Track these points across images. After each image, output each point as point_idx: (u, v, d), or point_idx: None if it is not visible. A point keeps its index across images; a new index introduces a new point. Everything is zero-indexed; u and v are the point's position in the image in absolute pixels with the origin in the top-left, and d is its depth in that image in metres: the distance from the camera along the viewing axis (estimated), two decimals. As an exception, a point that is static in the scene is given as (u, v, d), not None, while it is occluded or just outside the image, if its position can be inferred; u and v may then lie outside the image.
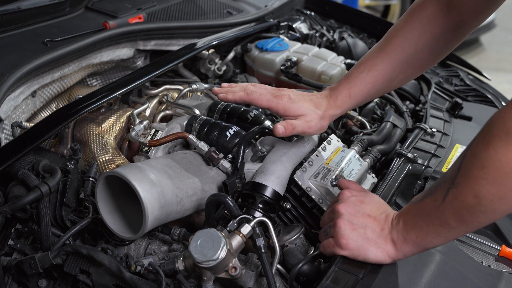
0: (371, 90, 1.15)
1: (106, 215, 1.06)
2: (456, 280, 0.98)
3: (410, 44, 1.10)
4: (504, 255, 1.11)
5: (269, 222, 1.03)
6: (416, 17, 1.11)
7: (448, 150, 1.44)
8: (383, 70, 1.12)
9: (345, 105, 1.16)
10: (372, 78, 1.13)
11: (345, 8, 2.51)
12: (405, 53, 1.11)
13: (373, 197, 1.03)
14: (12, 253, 1.12)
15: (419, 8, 1.11)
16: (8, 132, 1.37)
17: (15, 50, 1.48)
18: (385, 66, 1.12)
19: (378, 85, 1.14)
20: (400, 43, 1.11)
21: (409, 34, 1.10)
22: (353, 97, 1.15)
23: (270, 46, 1.87)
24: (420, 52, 1.11)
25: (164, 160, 1.16)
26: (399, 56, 1.11)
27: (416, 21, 1.10)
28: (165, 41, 1.87)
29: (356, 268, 0.98)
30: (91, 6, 1.85)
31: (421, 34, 1.09)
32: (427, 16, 1.09)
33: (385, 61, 1.12)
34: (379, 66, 1.13)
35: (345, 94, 1.15)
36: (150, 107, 1.55)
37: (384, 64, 1.12)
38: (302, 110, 1.14)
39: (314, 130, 1.16)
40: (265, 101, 1.15)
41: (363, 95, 1.15)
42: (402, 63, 1.12)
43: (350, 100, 1.15)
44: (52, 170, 1.11)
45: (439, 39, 1.09)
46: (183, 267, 0.99)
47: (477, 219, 0.81)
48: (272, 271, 0.97)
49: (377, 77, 1.13)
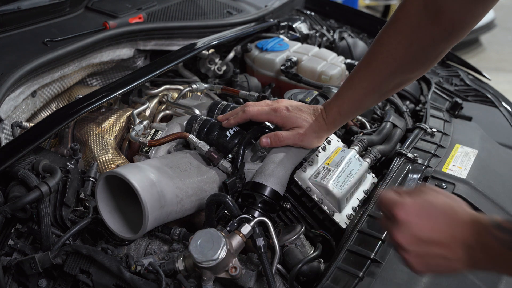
0: (360, 105, 1.14)
1: (106, 215, 1.06)
2: (456, 280, 0.98)
3: (395, 59, 1.04)
4: (504, 255, 1.11)
5: (269, 222, 1.03)
6: (400, 28, 1.02)
7: (448, 150, 1.44)
8: (370, 87, 1.10)
9: (337, 122, 1.17)
10: (359, 95, 1.12)
11: (345, 8, 2.51)
12: (391, 67, 1.05)
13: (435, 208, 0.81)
14: (12, 253, 1.12)
15: (403, 16, 1.01)
16: (8, 132, 1.37)
17: (15, 50, 1.48)
18: (371, 83, 1.09)
19: (367, 100, 1.13)
20: (384, 60, 1.05)
21: (394, 49, 1.03)
22: (343, 114, 1.15)
23: (270, 46, 1.87)
24: (409, 64, 1.05)
25: (164, 160, 1.16)
26: (385, 71, 1.06)
27: (401, 34, 1.02)
28: (165, 41, 1.87)
29: (356, 268, 0.98)
30: (91, 6, 1.85)
31: (406, 48, 1.01)
32: (412, 26, 0.99)
33: (370, 78, 1.09)
34: (365, 84, 1.10)
35: (336, 111, 1.15)
36: (150, 107, 1.55)
37: (369, 81, 1.09)
38: (299, 122, 1.16)
39: (306, 143, 1.17)
40: (264, 115, 1.19)
41: (352, 111, 1.16)
42: (389, 77, 1.07)
43: (340, 117, 1.16)
44: (52, 170, 1.11)
45: (427, 49, 1.01)
46: (183, 267, 0.99)
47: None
48: (272, 271, 0.97)
49: (364, 94, 1.11)
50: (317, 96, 1.54)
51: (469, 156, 1.40)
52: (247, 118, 1.21)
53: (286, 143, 1.16)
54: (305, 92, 1.56)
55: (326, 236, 1.16)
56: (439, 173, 1.31)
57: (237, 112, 1.24)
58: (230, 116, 1.24)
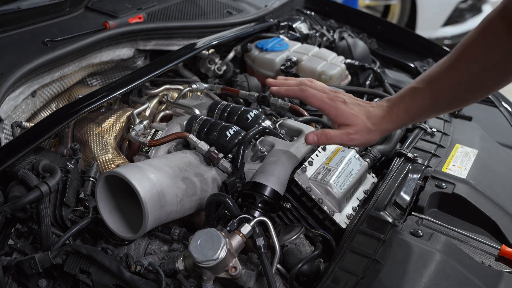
0: (430, 106, 1.06)
1: (106, 215, 1.06)
2: (456, 280, 0.98)
3: (478, 61, 1.01)
4: (504, 255, 1.11)
5: (269, 222, 1.03)
6: (486, 32, 1.00)
7: (448, 150, 1.44)
8: (446, 86, 1.03)
9: (400, 121, 1.08)
10: (432, 93, 1.04)
11: (345, 8, 2.51)
12: (471, 71, 1.02)
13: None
14: (12, 253, 1.12)
15: (489, 23, 1.00)
16: (8, 132, 1.37)
17: (15, 50, 1.48)
18: (448, 82, 1.03)
19: (439, 102, 1.05)
20: (467, 60, 1.02)
21: (478, 51, 1.01)
22: (410, 111, 1.07)
23: (270, 46, 1.87)
24: (488, 71, 1.01)
25: (164, 160, 1.16)
26: (465, 73, 1.02)
27: (487, 37, 1.00)
28: (165, 41, 1.87)
29: (356, 268, 0.98)
30: (91, 6, 1.85)
31: (488, 54, 0.99)
32: (497, 32, 0.98)
33: (449, 77, 1.03)
34: (441, 81, 1.04)
35: (402, 107, 1.07)
36: (150, 107, 1.55)
37: (447, 80, 1.03)
38: (352, 120, 1.08)
39: (357, 143, 1.09)
40: (319, 101, 1.11)
41: (420, 110, 1.06)
42: (467, 81, 1.03)
43: (405, 115, 1.07)
44: (52, 170, 1.11)
45: (507, 65, 0.99)
46: (183, 267, 0.99)
47: None
48: (272, 271, 0.97)
49: (438, 93, 1.04)
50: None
51: (469, 156, 1.40)
52: (300, 96, 1.13)
53: (333, 142, 1.09)
54: (305, 92, 1.56)
55: (326, 236, 1.16)
56: (439, 173, 1.31)
57: (291, 84, 1.15)
58: (282, 85, 1.16)
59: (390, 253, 1.03)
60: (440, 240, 1.07)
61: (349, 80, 1.87)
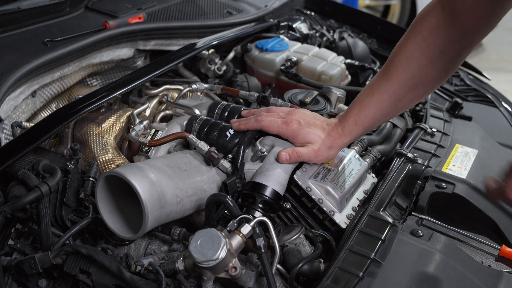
0: (377, 114, 1.12)
1: (106, 215, 1.06)
2: (456, 280, 0.98)
3: (412, 61, 1.05)
4: (504, 255, 1.11)
5: (269, 222, 1.03)
6: (417, 31, 1.05)
7: (448, 150, 1.44)
8: (387, 93, 1.09)
9: (353, 133, 1.15)
10: (376, 102, 1.10)
11: (345, 8, 2.51)
12: (408, 71, 1.06)
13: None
14: (12, 253, 1.12)
15: (420, 21, 1.06)
16: (8, 132, 1.37)
17: (15, 50, 1.48)
18: (388, 88, 1.09)
19: (384, 108, 1.11)
20: (402, 62, 1.06)
21: (411, 51, 1.05)
22: (360, 124, 1.13)
23: (270, 46, 1.86)
24: (425, 68, 1.06)
25: (164, 160, 1.16)
26: (403, 75, 1.07)
27: (418, 36, 1.05)
28: (165, 41, 1.87)
29: (356, 268, 0.98)
30: (91, 6, 1.85)
31: (424, 50, 1.04)
32: (429, 28, 1.03)
33: (388, 83, 1.08)
34: (382, 89, 1.09)
35: (352, 122, 1.14)
36: (150, 107, 1.55)
37: (387, 86, 1.09)
38: (310, 137, 1.15)
39: (320, 159, 1.17)
40: (275, 128, 1.19)
41: (369, 120, 1.13)
42: (407, 82, 1.07)
43: (357, 128, 1.14)
44: (52, 170, 1.11)
45: (444, 51, 1.04)
46: (183, 267, 0.99)
47: None
48: (272, 271, 0.97)
49: (381, 100, 1.10)
50: (317, 96, 1.54)
51: (469, 156, 1.40)
52: (258, 128, 1.21)
53: (303, 159, 1.15)
54: (305, 92, 1.56)
55: (326, 236, 1.16)
56: (439, 173, 1.31)
57: (249, 118, 1.24)
58: (242, 122, 1.24)
59: (390, 253, 1.03)
60: (440, 240, 1.07)
61: (349, 80, 1.87)
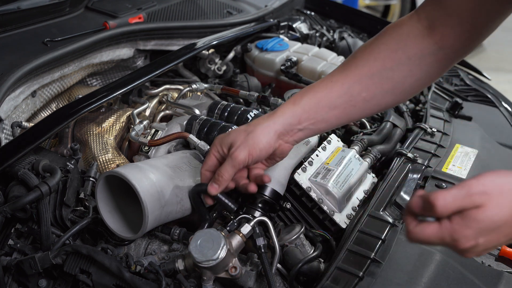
0: (323, 99, 1.00)
1: (106, 215, 1.06)
2: (456, 280, 0.98)
3: (376, 59, 0.99)
4: (504, 255, 1.11)
5: (269, 222, 1.03)
6: (389, 33, 1.01)
7: (448, 150, 1.44)
8: (340, 82, 1.00)
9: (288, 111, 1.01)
10: (325, 88, 1.01)
11: (345, 8, 2.51)
12: (369, 68, 0.99)
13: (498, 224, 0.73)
14: (12, 253, 1.12)
15: (394, 26, 1.01)
16: (8, 132, 1.36)
17: (15, 50, 1.48)
18: (342, 78, 1.01)
19: (333, 96, 1.00)
20: (364, 58, 1.00)
21: (376, 50, 1.00)
22: (298, 104, 1.01)
23: (270, 46, 1.86)
24: (389, 70, 0.99)
25: (164, 160, 1.16)
26: (361, 70, 1.00)
27: (388, 37, 1.00)
28: (165, 41, 1.87)
29: (356, 268, 0.98)
30: (91, 6, 1.85)
31: (392, 51, 0.99)
32: (402, 33, 0.99)
33: (343, 74, 1.01)
34: (335, 78, 1.01)
35: (289, 101, 1.02)
36: (150, 107, 1.55)
37: (341, 76, 1.01)
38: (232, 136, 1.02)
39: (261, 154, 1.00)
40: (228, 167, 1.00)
41: (311, 103, 1.00)
42: (364, 79, 1.00)
43: (294, 107, 1.00)
44: (52, 170, 1.11)
45: (414, 59, 0.98)
46: (183, 267, 0.99)
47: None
48: (272, 271, 0.97)
49: (332, 88, 1.00)
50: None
51: (469, 156, 1.40)
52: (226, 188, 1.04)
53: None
54: (305, 92, 1.56)
55: (326, 236, 1.16)
56: (439, 173, 1.31)
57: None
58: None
59: (390, 253, 1.03)
60: (440, 240, 1.07)
61: (349, 80, 1.87)
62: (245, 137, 0.99)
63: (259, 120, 1.02)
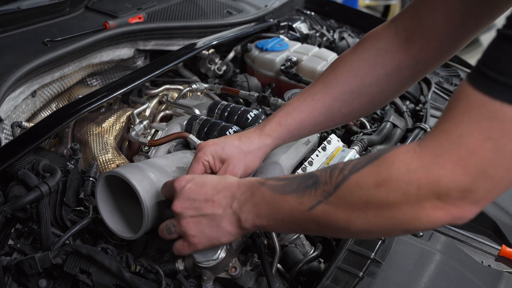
0: (306, 119, 1.04)
1: (106, 215, 1.06)
2: (456, 280, 0.98)
3: (356, 77, 1.00)
4: (504, 255, 1.12)
5: (269, 222, 1.03)
6: (367, 48, 1.01)
7: (448, 150, 1.44)
8: (321, 101, 1.02)
9: (275, 133, 1.04)
10: (307, 108, 1.03)
11: (345, 8, 2.51)
12: (349, 85, 1.01)
13: (207, 177, 0.91)
14: (12, 253, 1.12)
15: (370, 39, 1.01)
16: (8, 132, 1.36)
17: (15, 50, 1.48)
18: (323, 96, 1.02)
19: (315, 115, 1.03)
20: (344, 75, 1.01)
21: (356, 66, 1.00)
22: (284, 125, 1.04)
23: (270, 46, 1.86)
24: (368, 87, 1.00)
25: (164, 160, 1.16)
26: (341, 87, 1.01)
27: (366, 52, 1.00)
28: (165, 41, 1.87)
29: (356, 268, 0.98)
30: (91, 6, 1.85)
31: (370, 68, 1.00)
32: (380, 48, 0.99)
33: (324, 91, 1.02)
34: (317, 96, 1.03)
35: (275, 121, 1.04)
36: (150, 107, 1.55)
37: (323, 94, 1.02)
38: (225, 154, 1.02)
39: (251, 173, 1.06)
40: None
41: (295, 124, 1.04)
42: (344, 96, 1.02)
43: (280, 128, 1.04)
44: (52, 170, 1.11)
45: (391, 75, 0.99)
46: (183, 267, 0.99)
47: (338, 234, 0.82)
48: (272, 271, 0.97)
49: (314, 107, 1.03)
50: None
51: (469, 156, 1.40)
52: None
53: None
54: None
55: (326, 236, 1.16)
56: (439, 173, 1.31)
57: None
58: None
59: (390, 253, 1.03)
60: (440, 240, 1.07)
61: (349, 80, 1.87)
62: (243, 157, 1.02)
63: (251, 137, 1.05)
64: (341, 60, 1.04)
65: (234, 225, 0.86)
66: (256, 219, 0.83)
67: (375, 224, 0.72)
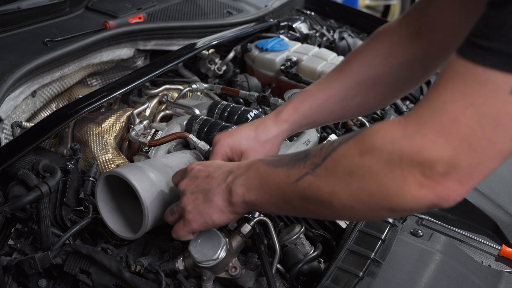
0: (322, 106, 1.05)
1: (106, 215, 1.06)
2: (456, 280, 0.98)
3: (370, 67, 1.03)
4: (504, 255, 1.12)
5: (269, 221, 1.03)
6: (380, 40, 1.03)
7: (448, 150, 1.44)
8: (337, 89, 1.04)
9: (292, 118, 1.06)
10: (324, 95, 1.05)
11: (345, 8, 2.51)
12: (364, 75, 1.03)
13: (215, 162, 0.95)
14: (12, 253, 1.12)
15: (385, 31, 1.04)
16: (8, 132, 1.36)
17: (15, 50, 1.48)
18: (339, 85, 1.04)
19: (331, 103, 1.05)
20: (359, 65, 1.04)
21: (370, 57, 1.03)
22: (300, 111, 1.05)
23: (270, 46, 1.86)
24: (382, 77, 1.03)
25: (164, 160, 1.16)
26: (357, 76, 1.03)
27: (380, 44, 1.03)
28: (165, 41, 1.87)
29: (356, 268, 0.98)
30: (91, 6, 1.85)
31: (384, 58, 1.02)
32: (392, 40, 1.02)
33: (340, 80, 1.05)
34: (332, 84, 1.05)
35: (291, 107, 1.06)
36: (150, 107, 1.55)
37: (338, 83, 1.05)
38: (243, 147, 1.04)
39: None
40: None
41: (311, 110, 1.05)
42: (358, 85, 1.04)
43: (296, 114, 1.05)
44: (52, 170, 1.11)
45: (403, 66, 1.02)
46: (183, 267, 0.99)
47: (322, 212, 0.79)
48: (272, 271, 0.97)
49: (330, 95, 1.04)
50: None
51: (469, 156, 1.40)
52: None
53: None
54: (305, 92, 1.56)
55: (326, 236, 1.16)
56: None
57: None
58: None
59: (390, 253, 1.03)
60: (440, 240, 1.07)
61: (349, 80, 1.87)
62: (261, 148, 1.04)
63: (267, 125, 1.06)
64: (356, 53, 1.07)
65: (225, 200, 0.86)
66: (246, 193, 0.84)
67: (358, 199, 0.71)
